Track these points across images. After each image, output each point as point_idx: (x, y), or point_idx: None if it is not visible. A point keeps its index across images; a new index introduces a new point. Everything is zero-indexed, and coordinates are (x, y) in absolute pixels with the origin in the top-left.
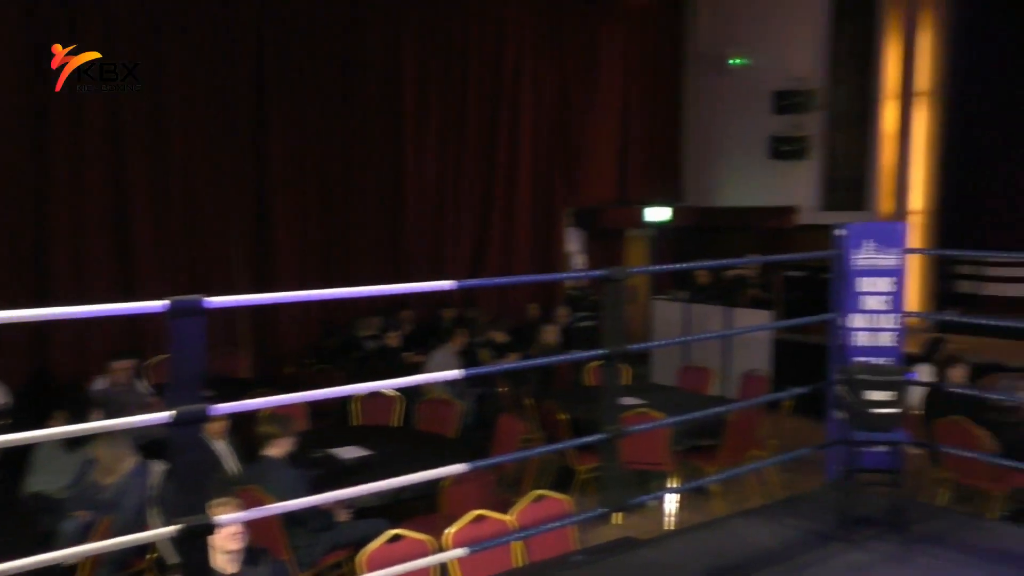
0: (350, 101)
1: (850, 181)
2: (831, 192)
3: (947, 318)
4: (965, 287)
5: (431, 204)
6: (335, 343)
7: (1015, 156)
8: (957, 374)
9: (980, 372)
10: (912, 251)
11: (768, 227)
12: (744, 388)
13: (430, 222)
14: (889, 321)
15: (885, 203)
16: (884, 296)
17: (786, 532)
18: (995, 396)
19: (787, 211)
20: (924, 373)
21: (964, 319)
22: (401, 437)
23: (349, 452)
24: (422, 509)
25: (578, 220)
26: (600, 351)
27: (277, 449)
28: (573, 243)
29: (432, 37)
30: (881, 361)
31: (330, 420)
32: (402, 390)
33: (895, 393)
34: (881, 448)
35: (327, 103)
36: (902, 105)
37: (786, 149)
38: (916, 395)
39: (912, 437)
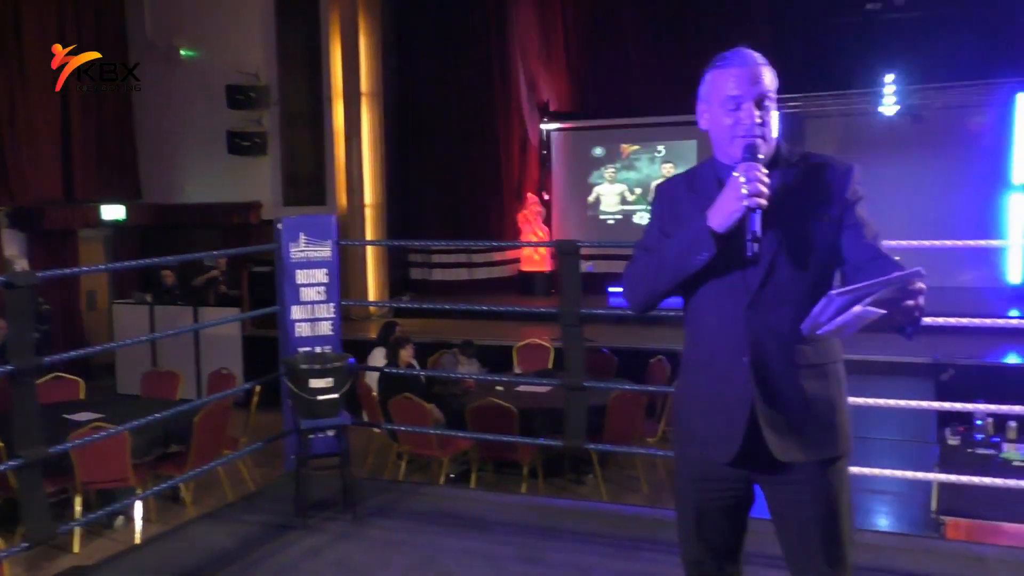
0: None
1: (309, 177)
2: (292, 188)
3: (394, 304)
4: (417, 274)
5: None
6: None
7: (446, 151)
8: (406, 355)
9: (429, 350)
10: (344, 243)
11: (233, 223)
12: (211, 388)
13: None
14: (326, 311)
15: (342, 198)
16: (320, 287)
17: (244, 529)
18: (439, 373)
19: (251, 207)
20: (378, 357)
21: (404, 304)
22: None
23: None
24: None
25: (17, 221)
26: (6, 367)
27: None
28: (13, 247)
29: None
30: (321, 350)
31: None
32: None
33: (334, 380)
34: (329, 433)
35: None
36: (349, 104)
37: (245, 144)
38: (374, 378)
39: (367, 418)
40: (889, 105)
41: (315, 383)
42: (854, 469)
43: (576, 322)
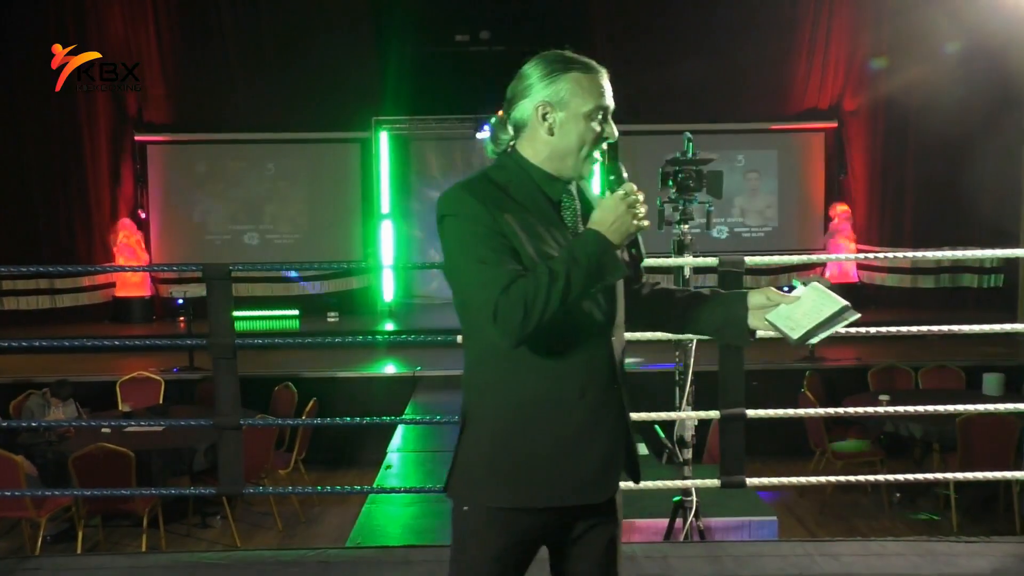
0: None
1: None
2: None
3: None
4: None
5: None
6: None
7: (16, 157)
8: None
9: (9, 394)
10: None
11: None
12: None
13: None
14: None
15: None
16: None
17: None
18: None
19: None
20: None
21: None
22: None
23: None
24: None
25: None
26: None
27: None
28: None
29: None
30: None
31: None
32: None
33: None
34: None
35: None
36: None
37: None
38: None
39: None
40: (486, 131)
41: None
42: None
43: (231, 354)
